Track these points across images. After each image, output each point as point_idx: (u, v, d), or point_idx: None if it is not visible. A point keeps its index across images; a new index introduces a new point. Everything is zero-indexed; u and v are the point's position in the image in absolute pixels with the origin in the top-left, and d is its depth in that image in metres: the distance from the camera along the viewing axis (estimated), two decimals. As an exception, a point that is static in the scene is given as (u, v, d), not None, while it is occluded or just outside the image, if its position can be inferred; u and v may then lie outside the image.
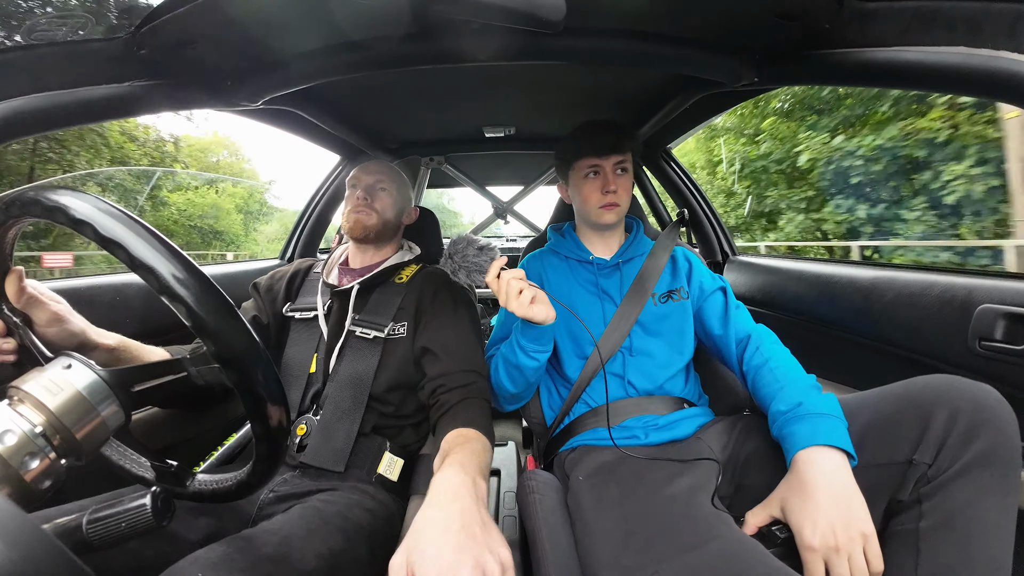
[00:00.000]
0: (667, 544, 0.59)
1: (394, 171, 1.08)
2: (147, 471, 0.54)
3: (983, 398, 0.59)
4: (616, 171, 0.98)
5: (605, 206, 0.98)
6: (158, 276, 0.40)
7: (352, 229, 1.00)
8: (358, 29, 0.79)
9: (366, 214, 0.99)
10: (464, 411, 0.80)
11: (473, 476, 0.58)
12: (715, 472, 0.77)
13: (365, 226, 0.99)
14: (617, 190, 0.97)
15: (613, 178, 0.97)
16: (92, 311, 0.71)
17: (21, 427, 0.40)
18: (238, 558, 0.53)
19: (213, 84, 0.91)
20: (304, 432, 0.85)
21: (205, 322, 0.41)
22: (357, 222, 0.99)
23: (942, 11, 0.59)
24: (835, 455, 0.63)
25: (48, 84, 0.66)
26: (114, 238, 0.40)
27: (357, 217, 0.99)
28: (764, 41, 0.83)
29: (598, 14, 0.78)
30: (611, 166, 0.97)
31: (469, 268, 0.81)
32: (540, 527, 0.76)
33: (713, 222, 1.78)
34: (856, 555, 0.57)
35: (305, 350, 0.94)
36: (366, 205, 1.00)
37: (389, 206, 1.03)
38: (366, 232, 1.00)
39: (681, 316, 0.99)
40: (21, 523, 0.28)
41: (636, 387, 0.95)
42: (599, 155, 0.97)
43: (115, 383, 0.46)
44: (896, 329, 0.96)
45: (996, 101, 0.62)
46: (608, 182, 0.97)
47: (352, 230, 1.00)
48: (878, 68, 0.69)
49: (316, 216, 1.84)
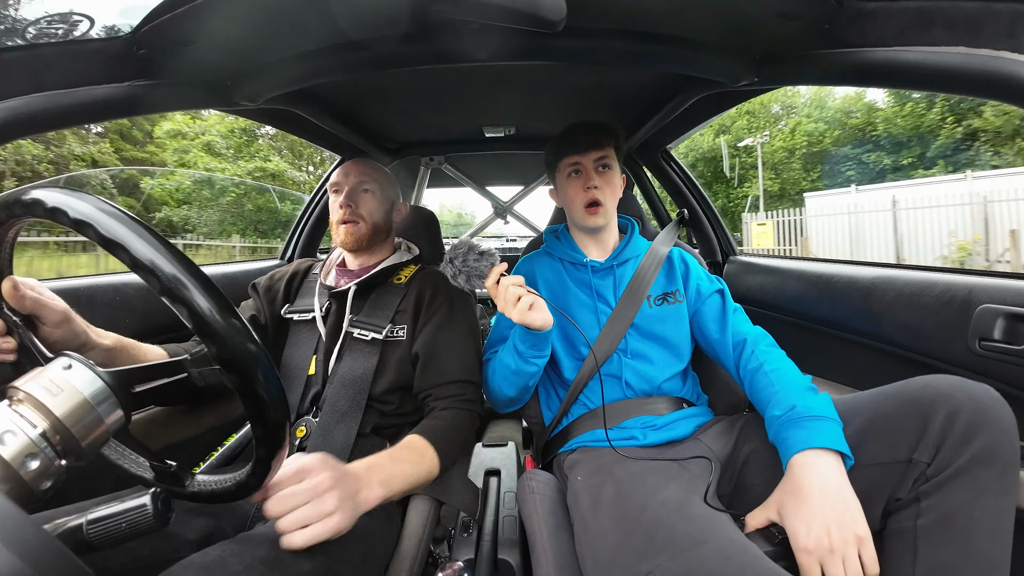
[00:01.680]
0: (664, 545, 0.59)
1: (376, 168, 1.05)
2: (146, 471, 0.54)
3: (982, 398, 0.59)
4: (598, 168, 0.98)
5: (589, 207, 0.97)
6: (159, 277, 0.40)
7: (344, 242, 0.98)
8: (358, 29, 0.79)
9: (354, 223, 0.97)
10: (433, 420, 0.83)
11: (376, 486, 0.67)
12: (713, 472, 0.77)
13: (356, 237, 0.98)
14: (599, 186, 0.96)
15: (594, 174, 0.97)
16: (92, 311, 0.71)
17: (21, 428, 0.40)
18: (232, 561, 0.53)
19: (213, 84, 0.91)
20: (303, 434, 0.85)
21: (207, 324, 0.41)
22: (348, 234, 0.97)
23: (942, 11, 0.59)
24: (829, 457, 0.64)
25: (48, 84, 0.66)
26: (115, 239, 0.40)
27: (347, 229, 0.97)
28: (764, 41, 0.83)
29: (598, 14, 0.78)
30: (591, 162, 0.97)
31: (469, 273, 0.81)
32: (540, 527, 0.76)
33: (713, 222, 1.78)
34: (851, 557, 0.58)
35: (304, 352, 0.94)
36: (352, 213, 0.97)
37: (376, 208, 1.00)
38: (359, 243, 0.98)
39: (677, 319, 0.99)
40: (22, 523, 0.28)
41: (633, 388, 0.95)
42: (579, 152, 0.97)
43: (115, 384, 0.46)
44: (896, 329, 0.96)
45: (996, 101, 0.62)
46: (589, 178, 0.97)
47: (344, 243, 0.98)
48: (878, 68, 0.69)
49: (316, 216, 1.84)
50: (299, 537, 0.56)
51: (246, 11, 0.70)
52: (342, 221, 0.97)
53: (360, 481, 0.65)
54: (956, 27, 0.58)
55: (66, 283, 1.01)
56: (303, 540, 0.56)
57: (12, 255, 0.53)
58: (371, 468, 0.68)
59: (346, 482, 0.62)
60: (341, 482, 0.61)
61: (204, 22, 0.69)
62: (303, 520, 0.56)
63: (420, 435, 0.79)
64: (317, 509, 0.57)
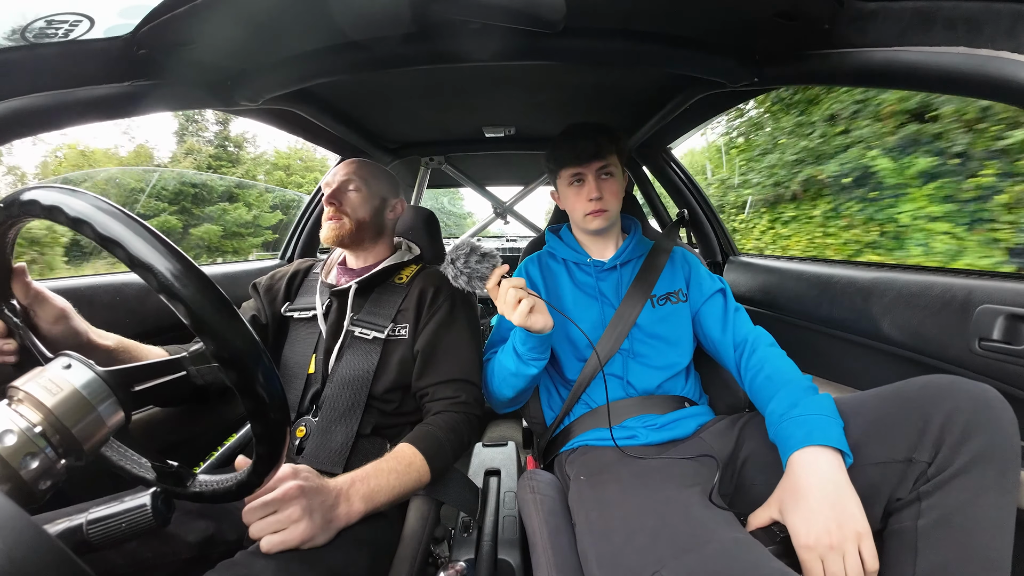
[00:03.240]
0: (667, 545, 0.59)
1: (365, 166, 1.04)
2: (147, 471, 0.54)
3: (982, 397, 0.59)
4: (600, 176, 0.97)
5: (592, 213, 0.97)
6: (157, 274, 0.40)
7: (327, 238, 0.98)
8: (358, 29, 0.79)
9: (338, 221, 0.97)
10: (426, 425, 0.83)
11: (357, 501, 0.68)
12: (715, 471, 0.77)
13: (339, 235, 0.97)
14: (603, 196, 0.96)
15: (597, 185, 0.96)
16: (92, 311, 0.71)
17: (21, 427, 0.40)
18: None
19: (213, 84, 0.91)
20: (303, 434, 0.85)
21: (204, 321, 0.41)
22: (330, 230, 0.97)
23: (942, 11, 0.59)
24: (829, 455, 0.64)
25: (48, 84, 0.66)
26: (113, 236, 0.40)
27: (330, 226, 0.97)
28: (764, 41, 0.83)
29: (598, 14, 0.78)
30: (594, 173, 0.97)
31: (471, 275, 0.80)
32: (541, 528, 0.76)
33: (713, 222, 1.78)
34: (851, 553, 0.58)
35: (304, 350, 0.94)
36: (336, 211, 0.97)
37: (359, 204, 0.99)
38: (341, 239, 0.98)
39: (680, 318, 0.99)
40: (22, 523, 0.28)
41: (636, 387, 0.95)
42: (580, 163, 0.97)
43: (115, 382, 0.46)
44: (896, 329, 0.96)
45: (996, 101, 0.62)
46: (592, 189, 0.96)
47: (327, 239, 0.98)
48: (878, 68, 0.69)
49: (316, 216, 1.84)
50: (266, 542, 0.60)
51: (246, 11, 0.70)
52: (328, 218, 0.98)
53: (339, 496, 0.67)
54: (956, 27, 0.58)
55: (66, 283, 1.01)
56: (270, 545, 0.59)
57: (12, 256, 0.53)
58: (354, 483, 0.70)
59: (317, 493, 0.64)
60: (310, 493, 0.63)
61: (204, 22, 0.69)
62: (269, 527, 0.61)
63: (410, 443, 0.79)
64: (282, 516, 0.61)
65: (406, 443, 0.79)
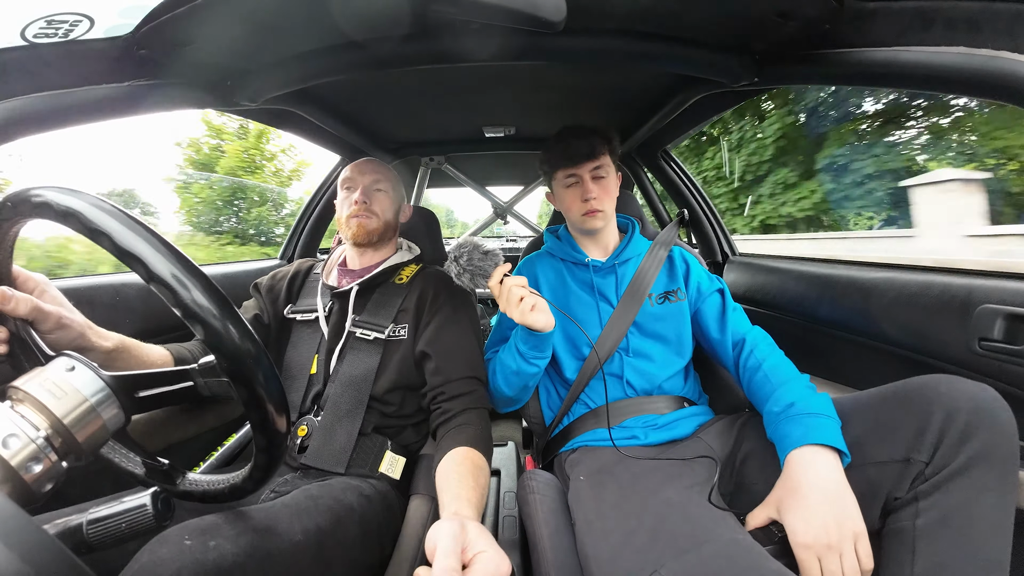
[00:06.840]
0: (667, 545, 0.59)
1: (388, 170, 1.07)
2: (138, 467, 0.54)
3: (981, 397, 0.59)
4: (594, 177, 0.98)
5: (588, 213, 0.97)
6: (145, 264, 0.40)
7: (356, 235, 0.98)
8: (358, 29, 0.79)
9: (367, 218, 0.98)
10: (468, 425, 0.82)
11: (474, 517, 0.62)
12: (714, 471, 0.77)
13: (368, 231, 0.98)
14: (597, 196, 0.96)
15: (591, 186, 0.97)
16: (92, 311, 0.70)
17: (24, 430, 0.40)
18: (225, 527, 0.54)
19: (213, 84, 0.90)
20: (305, 433, 0.85)
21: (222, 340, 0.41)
22: (360, 227, 0.98)
23: (942, 11, 0.59)
24: (827, 454, 0.64)
25: (48, 84, 0.66)
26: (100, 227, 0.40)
27: (360, 222, 0.98)
28: (764, 41, 0.83)
29: (598, 14, 0.78)
30: (588, 173, 0.97)
31: (474, 272, 0.81)
32: (541, 528, 0.76)
33: (713, 222, 1.78)
34: (848, 553, 0.58)
35: (306, 351, 0.94)
36: (366, 209, 0.98)
37: (388, 207, 1.02)
38: (369, 237, 0.99)
39: (678, 317, 0.99)
40: (23, 524, 0.28)
41: (635, 387, 0.95)
42: (574, 164, 0.97)
43: (119, 388, 0.46)
44: (896, 329, 0.96)
45: (996, 101, 0.62)
46: (587, 190, 0.96)
47: (356, 236, 0.98)
48: (878, 68, 0.69)
49: (316, 216, 1.84)
50: None
51: (246, 11, 0.70)
52: (354, 215, 0.98)
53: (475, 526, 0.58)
54: (956, 27, 0.58)
55: (66, 283, 1.01)
56: None
57: (11, 258, 0.53)
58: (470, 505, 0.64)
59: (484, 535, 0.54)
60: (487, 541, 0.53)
61: (204, 22, 0.69)
62: None
63: (472, 447, 0.77)
64: None
65: (469, 448, 0.76)
